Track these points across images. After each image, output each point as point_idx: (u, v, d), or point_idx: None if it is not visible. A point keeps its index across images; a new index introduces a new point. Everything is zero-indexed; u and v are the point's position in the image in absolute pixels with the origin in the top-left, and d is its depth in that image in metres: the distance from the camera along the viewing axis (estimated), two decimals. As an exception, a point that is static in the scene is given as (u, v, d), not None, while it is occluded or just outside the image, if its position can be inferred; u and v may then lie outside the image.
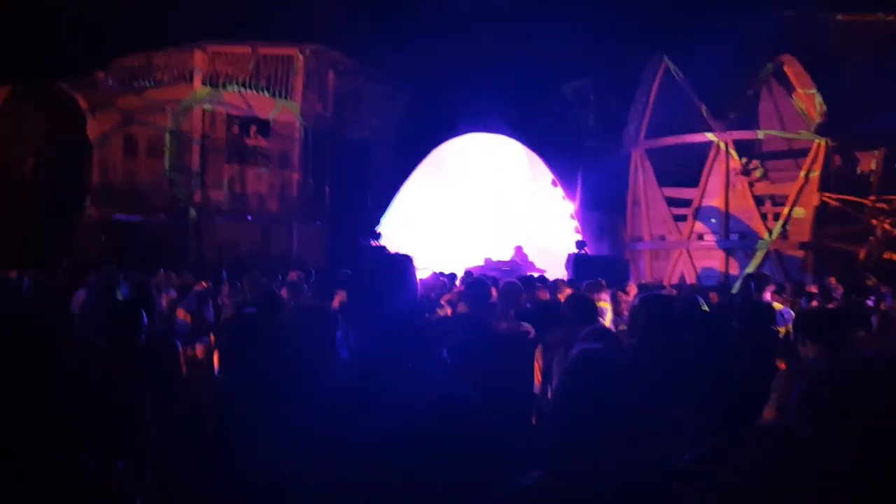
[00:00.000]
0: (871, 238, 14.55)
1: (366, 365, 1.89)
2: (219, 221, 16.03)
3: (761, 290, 8.72)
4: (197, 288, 7.49)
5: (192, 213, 15.76)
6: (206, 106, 16.03)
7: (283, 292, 7.82)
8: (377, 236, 17.18)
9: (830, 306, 8.17)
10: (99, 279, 4.34)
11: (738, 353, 4.33)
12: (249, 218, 16.36)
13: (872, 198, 14.56)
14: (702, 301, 5.04)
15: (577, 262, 15.74)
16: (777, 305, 8.11)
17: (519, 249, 18.16)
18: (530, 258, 18.00)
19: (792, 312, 7.25)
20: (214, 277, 9.56)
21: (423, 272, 14.23)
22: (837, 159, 14.99)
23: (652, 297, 4.18)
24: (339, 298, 6.13)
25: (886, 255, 14.37)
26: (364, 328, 1.96)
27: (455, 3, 16.55)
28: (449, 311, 6.81)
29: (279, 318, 5.25)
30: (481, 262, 17.52)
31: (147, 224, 15.47)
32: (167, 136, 15.96)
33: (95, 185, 15.82)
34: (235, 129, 16.53)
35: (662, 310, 3.82)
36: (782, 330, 6.60)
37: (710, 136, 15.15)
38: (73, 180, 15.78)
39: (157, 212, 15.71)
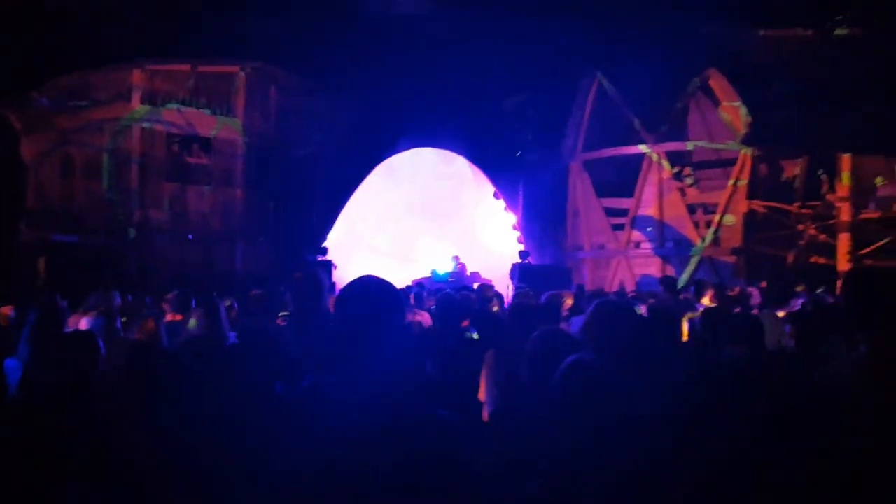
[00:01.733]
0: (800, 242, 15.25)
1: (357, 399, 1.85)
2: (159, 241, 15.88)
3: (700, 296, 9.16)
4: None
5: (132, 233, 15.58)
6: (145, 124, 15.90)
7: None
8: (323, 251, 17.21)
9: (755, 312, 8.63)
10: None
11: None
12: (191, 237, 16.24)
13: (798, 204, 15.27)
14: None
15: (521, 272, 16.11)
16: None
17: (456, 259, 18.38)
18: (476, 269, 18.24)
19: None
20: (156, 298, 9.54)
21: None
22: (763, 168, 15.70)
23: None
24: None
25: (813, 259, 15.07)
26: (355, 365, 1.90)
27: (396, 21, 16.79)
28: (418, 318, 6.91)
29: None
30: (427, 274, 17.72)
31: (85, 245, 15.22)
32: (105, 156, 15.76)
33: (31, 207, 15.50)
34: (175, 147, 16.43)
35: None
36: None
37: (643, 147, 15.71)
38: (6, 202, 15.43)
39: (95, 233, 15.48)
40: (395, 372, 1.89)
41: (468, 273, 17.75)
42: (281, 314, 6.41)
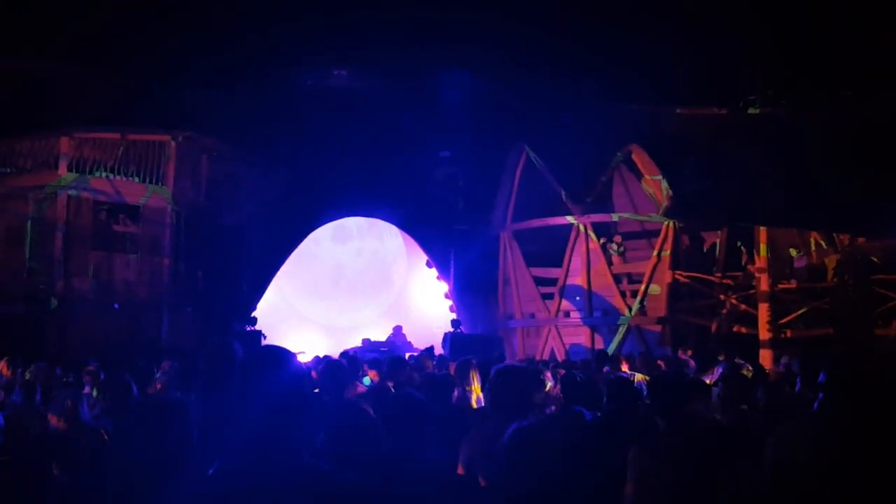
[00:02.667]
0: (723, 311, 15.61)
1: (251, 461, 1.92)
2: (83, 311, 15.43)
3: (618, 366, 9.38)
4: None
5: (53, 302, 15.14)
6: (72, 192, 15.60)
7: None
8: (253, 321, 17.00)
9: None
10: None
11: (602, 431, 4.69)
12: (116, 306, 15.85)
13: (719, 274, 15.71)
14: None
15: (452, 341, 16.13)
16: (639, 377, 8.68)
17: (398, 329, 18.36)
18: (410, 338, 18.23)
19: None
20: (77, 369, 9.28)
21: (302, 356, 14.19)
22: (686, 239, 16.17)
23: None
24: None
25: (735, 328, 15.42)
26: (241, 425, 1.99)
27: (328, 92, 17.12)
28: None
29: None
30: (359, 344, 17.60)
31: (3, 315, 14.72)
32: (28, 224, 15.41)
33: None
34: (103, 215, 16.16)
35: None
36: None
37: (570, 218, 16.07)
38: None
39: (14, 302, 14.99)
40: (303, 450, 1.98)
41: (407, 342, 17.70)
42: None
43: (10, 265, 15.33)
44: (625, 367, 9.37)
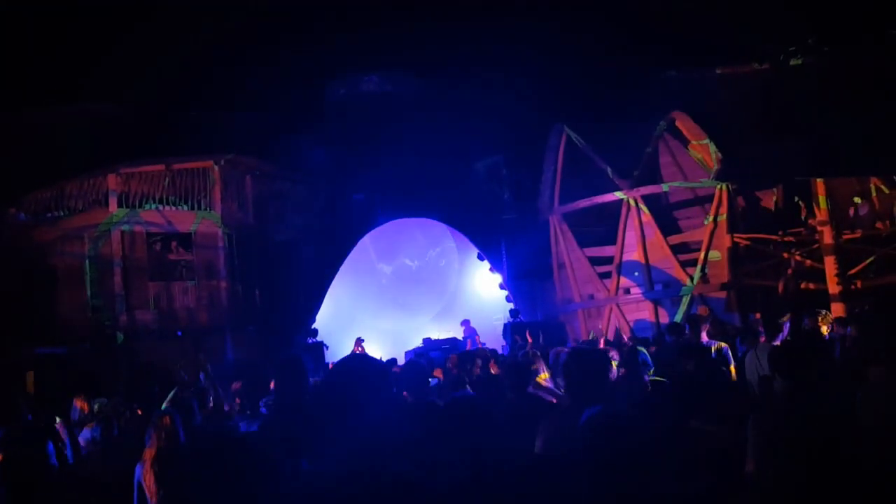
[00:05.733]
0: (788, 270, 15.17)
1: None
2: (148, 341, 15.71)
3: (698, 332, 9.08)
4: None
5: (120, 337, 15.43)
6: (125, 227, 15.93)
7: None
8: (314, 333, 17.10)
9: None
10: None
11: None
12: (180, 333, 16.09)
13: (780, 232, 15.26)
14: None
15: (513, 330, 16.01)
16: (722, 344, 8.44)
17: (467, 323, 18.21)
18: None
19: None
20: (146, 399, 9.42)
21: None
22: (741, 201, 15.75)
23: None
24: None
25: (803, 286, 14.96)
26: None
27: (360, 98, 17.14)
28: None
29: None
30: (420, 344, 17.58)
31: (73, 355, 15.03)
32: (86, 263, 15.74)
33: (14, 322, 15.37)
34: (157, 246, 16.44)
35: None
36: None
37: (619, 194, 15.78)
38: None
39: (82, 341, 15.31)
40: (381, 448, 2.00)
41: (476, 336, 17.59)
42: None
43: (74, 305, 15.69)
44: (705, 335, 8.99)
